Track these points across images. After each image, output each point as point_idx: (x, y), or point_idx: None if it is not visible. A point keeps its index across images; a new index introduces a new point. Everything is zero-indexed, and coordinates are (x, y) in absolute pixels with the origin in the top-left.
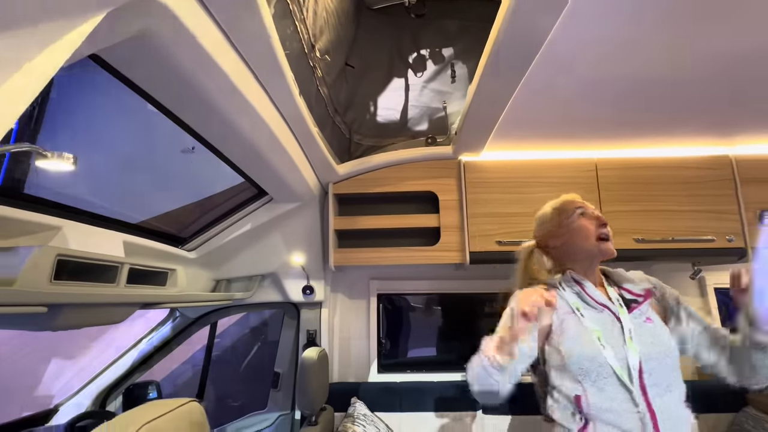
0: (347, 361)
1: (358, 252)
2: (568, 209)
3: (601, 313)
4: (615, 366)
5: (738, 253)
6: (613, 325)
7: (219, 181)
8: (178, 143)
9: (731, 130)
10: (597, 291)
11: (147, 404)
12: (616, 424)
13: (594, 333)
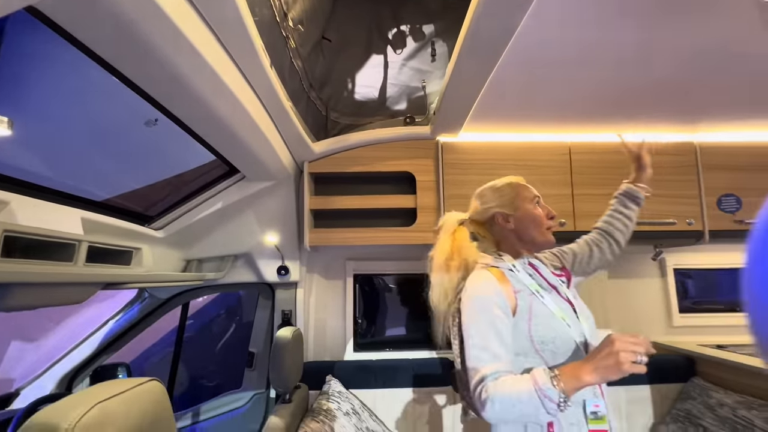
0: (323, 341)
1: (335, 232)
2: (528, 195)
3: (551, 294)
4: (578, 342)
5: (696, 236)
6: (565, 305)
7: (188, 158)
8: (143, 117)
9: (695, 118)
10: (549, 273)
11: (104, 383)
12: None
13: (558, 313)
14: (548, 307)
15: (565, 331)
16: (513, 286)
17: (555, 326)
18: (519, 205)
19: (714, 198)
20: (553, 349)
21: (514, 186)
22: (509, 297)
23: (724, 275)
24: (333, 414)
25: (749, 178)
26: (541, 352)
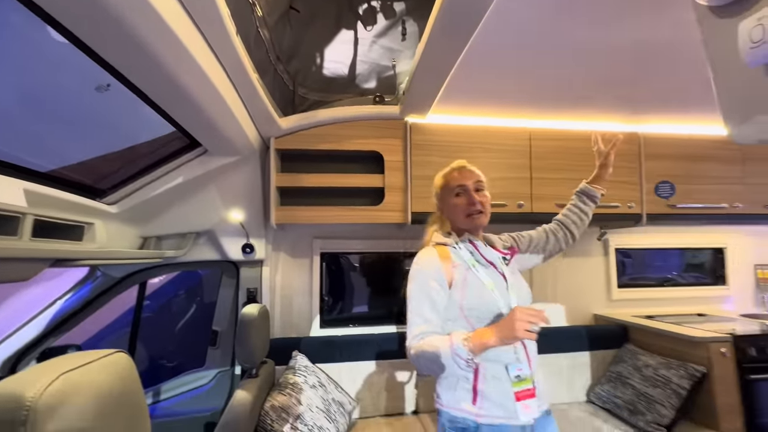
0: (289, 318)
1: (301, 210)
2: (449, 186)
3: (488, 269)
4: (503, 311)
5: (635, 219)
6: (499, 278)
7: (144, 129)
8: (94, 82)
9: (640, 110)
10: (487, 250)
11: (66, 355)
12: (498, 359)
13: (489, 285)
14: (480, 279)
15: (491, 300)
16: (453, 261)
17: (483, 296)
18: (443, 196)
19: (652, 184)
20: (479, 315)
21: (441, 178)
22: (447, 271)
23: (657, 254)
24: (299, 387)
25: (683, 166)
26: (468, 317)
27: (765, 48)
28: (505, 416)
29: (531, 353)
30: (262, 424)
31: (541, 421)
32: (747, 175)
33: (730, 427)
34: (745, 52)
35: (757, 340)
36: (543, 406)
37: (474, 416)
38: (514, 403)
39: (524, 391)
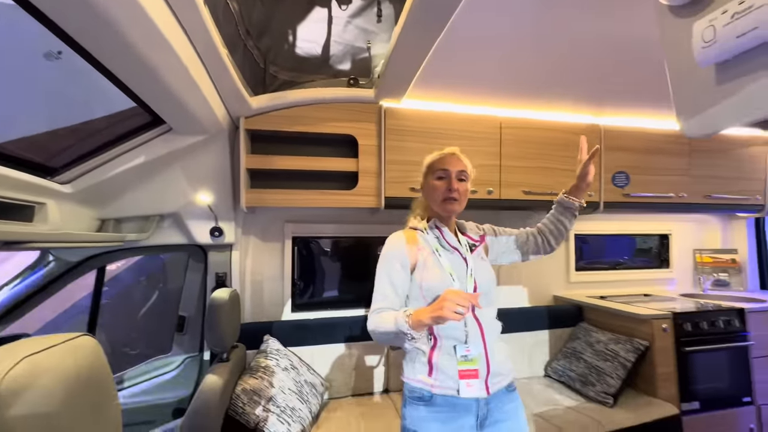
0: (260, 303)
1: (273, 193)
2: (434, 167)
3: (452, 254)
4: None
5: (594, 206)
6: (461, 263)
7: (100, 102)
8: (42, 48)
9: (602, 103)
10: (452, 236)
11: (28, 339)
12: (454, 336)
13: (447, 270)
14: (441, 263)
15: (448, 283)
16: (419, 244)
17: (441, 279)
18: (426, 175)
19: (610, 174)
20: (436, 296)
21: (432, 158)
22: (411, 254)
23: (611, 240)
24: (271, 370)
25: (638, 158)
26: (426, 297)
27: (715, 48)
28: (455, 388)
29: (488, 337)
30: (234, 407)
31: (500, 396)
32: (692, 167)
33: (667, 393)
34: (697, 51)
35: (693, 316)
36: (498, 384)
37: (429, 387)
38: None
39: (467, 371)
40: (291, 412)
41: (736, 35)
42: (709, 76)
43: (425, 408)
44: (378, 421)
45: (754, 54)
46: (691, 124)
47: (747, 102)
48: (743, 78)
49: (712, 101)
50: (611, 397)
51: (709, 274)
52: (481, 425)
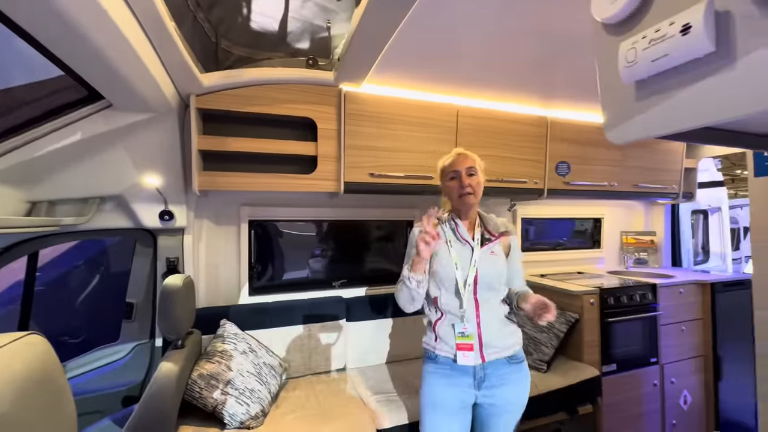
0: (216, 287)
1: (227, 176)
2: (446, 171)
3: (463, 246)
4: (459, 281)
5: (538, 193)
6: (467, 254)
7: (21, 69)
8: None
9: (548, 96)
10: (464, 230)
11: None
12: (454, 313)
13: (454, 259)
14: (449, 252)
15: (451, 269)
16: (439, 233)
17: (445, 265)
18: (442, 179)
19: (554, 164)
20: (441, 279)
21: (443, 163)
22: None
23: (553, 223)
24: (229, 354)
25: (579, 149)
26: (433, 278)
27: (635, 69)
28: (452, 353)
29: (484, 316)
30: (190, 392)
31: (498, 365)
32: (625, 158)
33: (591, 358)
34: (622, 69)
35: (615, 291)
36: (495, 354)
37: (433, 349)
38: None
39: (464, 345)
40: (250, 394)
41: (652, 59)
42: (631, 91)
43: (432, 364)
44: (336, 397)
45: (664, 77)
46: (613, 131)
47: (657, 118)
48: (656, 97)
49: (631, 114)
50: (545, 364)
51: (632, 253)
52: (478, 386)
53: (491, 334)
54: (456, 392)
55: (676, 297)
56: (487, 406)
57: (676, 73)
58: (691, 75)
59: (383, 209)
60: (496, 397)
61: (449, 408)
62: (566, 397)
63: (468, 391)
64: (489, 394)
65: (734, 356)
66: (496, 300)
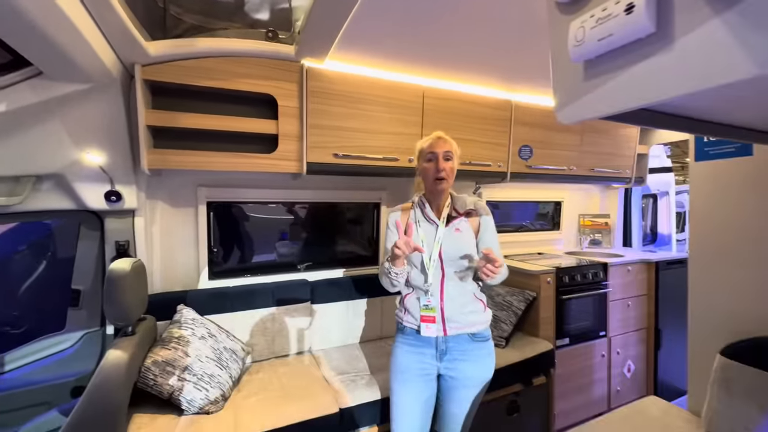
0: (172, 272)
1: (181, 155)
2: (424, 152)
3: (430, 225)
4: (425, 258)
5: (502, 176)
6: (433, 233)
7: None
8: None
9: (513, 80)
10: (431, 211)
11: None
12: (420, 287)
13: (421, 237)
14: (417, 232)
15: None
16: (410, 217)
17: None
18: (419, 159)
19: (517, 147)
20: (410, 258)
21: (422, 144)
22: (404, 222)
23: (518, 205)
24: (186, 340)
25: (542, 133)
26: (408, 262)
27: (583, 48)
28: (416, 324)
29: (448, 291)
30: (144, 380)
31: (460, 339)
32: (583, 144)
33: (546, 333)
34: (571, 48)
35: (570, 271)
36: (458, 330)
37: (402, 321)
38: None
39: (427, 317)
40: (209, 379)
41: (598, 38)
42: (579, 72)
43: (400, 335)
44: (301, 378)
45: (610, 57)
46: (563, 112)
47: (603, 99)
48: (602, 77)
49: (579, 94)
50: (504, 340)
51: (588, 234)
52: (440, 358)
53: (454, 309)
54: (419, 361)
55: (624, 275)
56: (449, 378)
57: (621, 53)
58: (634, 55)
59: (350, 191)
60: (458, 370)
61: (412, 375)
62: (522, 370)
63: (431, 361)
64: (451, 366)
65: (672, 328)
66: (461, 276)
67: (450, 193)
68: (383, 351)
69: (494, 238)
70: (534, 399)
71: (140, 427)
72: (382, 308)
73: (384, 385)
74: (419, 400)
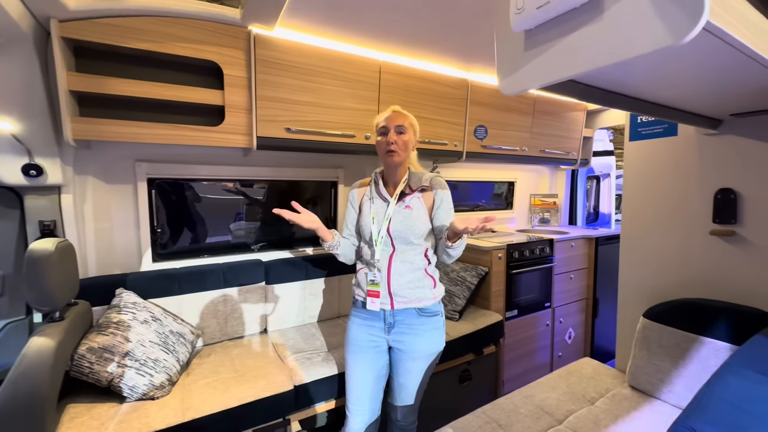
0: (109, 254)
1: (115, 125)
2: (378, 126)
3: (383, 202)
4: (374, 234)
5: (458, 155)
6: (384, 209)
7: None
8: None
9: (469, 59)
10: (382, 188)
11: None
12: (370, 262)
13: (372, 214)
14: (369, 207)
15: (368, 223)
16: (366, 193)
17: (365, 219)
18: (375, 134)
19: (472, 127)
20: (362, 233)
21: (379, 117)
22: (360, 197)
23: (475, 185)
24: (127, 324)
25: (496, 114)
26: (357, 232)
27: (523, 16)
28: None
29: (395, 268)
30: (79, 368)
31: (407, 314)
32: (534, 126)
33: (497, 305)
34: (512, 17)
35: (520, 246)
36: (404, 304)
37: (355, 294)
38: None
39: (372, 291)
40: (154, 364)
41: (536, 6)
42: (520, 41)
43: (353, 309)
44: (255, 359)
45: (548, 26)
46: (505, 82)
47: (540, 69)
48: (540, 47)
49: (520, 64)
50: (458, 314)
51: (538, 213)
52: (388, 331)
53: (401, 284)
54: (369, 333)
55: (568, 250)
56: (398, 350)
57: (557, 23)
58: (569, 25)
59: (306, 169)
60: (405, 343)
61: (363, 348)
62: (474, 340)
63: (380, 334)
64: (399, 339)
65: (608, 297)
66: (411, 253)
67: (408, 168)
68: (341, 328)
69: (449, 214)
70: (484, 367)
71: (74, 417)
72: (340, 287)
73: (341, 360)
74: (372, 370)
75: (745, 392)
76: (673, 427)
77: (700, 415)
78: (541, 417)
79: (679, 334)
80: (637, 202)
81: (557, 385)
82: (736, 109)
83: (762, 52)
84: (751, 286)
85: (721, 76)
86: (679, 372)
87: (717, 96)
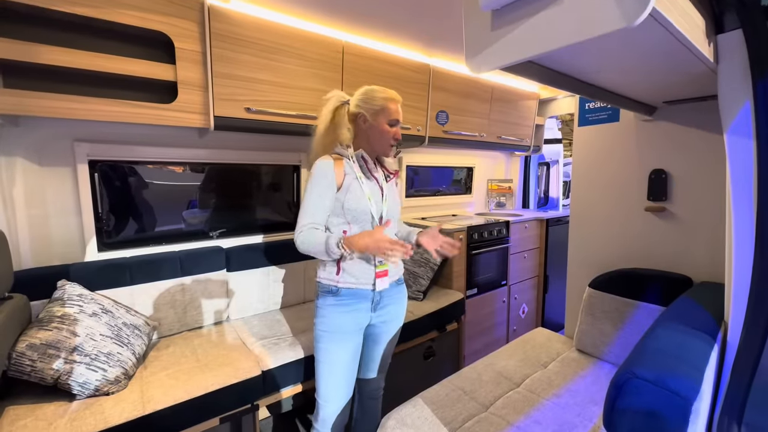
0: (47, 244)
1: (47, 98)
2: (390, 112)
3: (372, 182)
4: (374, 214)
5: (420, 140)
6: (377, 190)
7: None
8: None
9: (431, 44)
10: (373, 167)
11: None
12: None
13: (367, 194)
14: (362, 188)
15: (365, 205)
16: (344, 169)
17: (360, 201)
18: (377, 115)
19: (434, 112)
20: (354, 215)
21: (387, 102)
22: (338, 177)
23: (436, 171)
24: (72, 318)
25: (456, 100)
26: (346, 215)
27: None
28: (356, 283)
29: None
30: (18, 366)
31: (394, 288)
32: (492, 112)
33: (458, 285)
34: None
35: (479, 228)
36: (393, 278)
37: (335, 283)
38: (371, 277)
39: (381, 272)
40: (107, 358)
41: None
42: (488, 21)
43: (332, 298)
44: (218, 348)
45: (514, 7)
46: (473, 61)
47: (505, 49)
48: (506, 27)
49: (487, 44)
50: (422, 294)
51: (494, 198)
52: (374, 308)
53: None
54: (354, 317)
55: (522, 231)
56: (380, 324)
57: (523, 4)
58: (534, 7)
59: (266, 152)
60: (388, 314)
61: (345, 332)
62: (437, 318)
63: (365, 314)
64: (383, 313)
65: (557, 274)
66: (392, 231)
67: None
68: (308, 313)
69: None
70: (447, 343)
71: (16, 419)
72: (305, 272)
73: (308, 344)
74: (354, 354)
75: (673, 341)
76: (617, 376)
77: (639, 362)
78: (502, 382)
79: (619, 300)
80: (585, 182)
81: (514, 353)
82: (668, 97)
83: (694, 42)
84: (677, 256)
85: (659, 62)
86: (618, 334)
87: (653, 83)
